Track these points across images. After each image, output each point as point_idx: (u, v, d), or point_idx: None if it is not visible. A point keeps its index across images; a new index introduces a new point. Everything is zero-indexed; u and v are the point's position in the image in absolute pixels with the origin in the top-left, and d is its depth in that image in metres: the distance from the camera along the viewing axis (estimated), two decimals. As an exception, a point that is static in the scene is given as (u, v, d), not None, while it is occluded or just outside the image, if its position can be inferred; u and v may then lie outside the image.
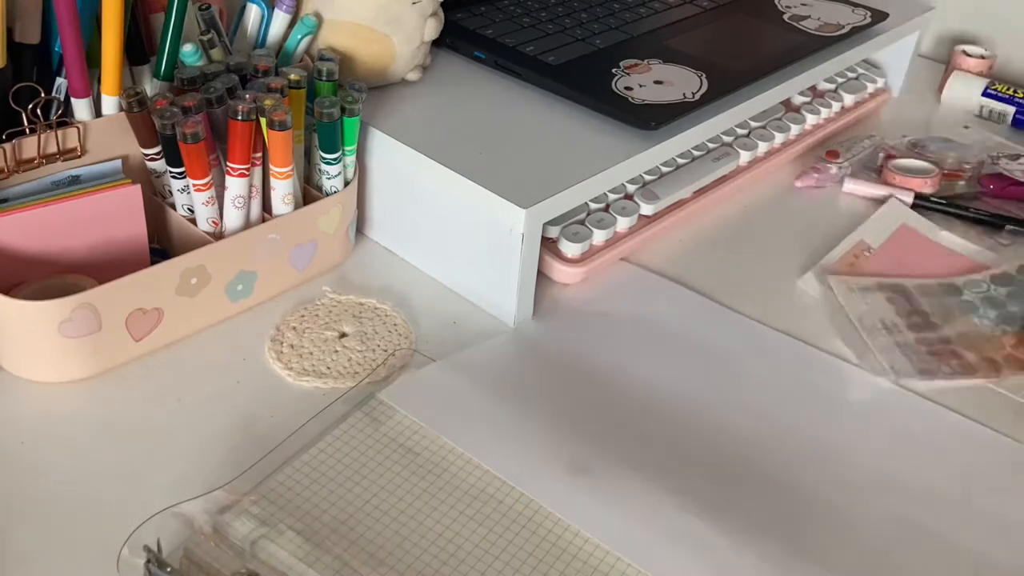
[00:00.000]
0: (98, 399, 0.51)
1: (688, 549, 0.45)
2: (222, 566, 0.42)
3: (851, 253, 0.68)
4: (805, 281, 0.65)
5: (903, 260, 0.68)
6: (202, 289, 0.54)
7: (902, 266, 0.67)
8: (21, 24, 0.53)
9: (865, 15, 0.84)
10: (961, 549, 0.47)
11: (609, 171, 0.59)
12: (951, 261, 0.69)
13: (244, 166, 0.54)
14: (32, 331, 0.49)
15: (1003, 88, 0.89)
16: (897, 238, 0.70)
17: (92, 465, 0.47)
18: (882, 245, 0.69)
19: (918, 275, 0.66)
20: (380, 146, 0.61)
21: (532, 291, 0.59)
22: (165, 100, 0.53)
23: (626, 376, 0.56)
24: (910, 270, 0.67)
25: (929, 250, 0.70)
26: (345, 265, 0.63)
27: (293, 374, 0.53)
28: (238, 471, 0.47)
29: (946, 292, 0.64)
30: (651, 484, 0.48)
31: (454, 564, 0.44)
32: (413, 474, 0.48)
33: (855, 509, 0.49)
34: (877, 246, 0.69)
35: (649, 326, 0.60)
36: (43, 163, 0.53)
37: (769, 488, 0.50)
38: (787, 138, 0.78)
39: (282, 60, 0.62)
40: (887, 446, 0.53)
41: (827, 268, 0.66)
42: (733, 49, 0.76)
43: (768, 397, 0.55)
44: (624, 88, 0.66)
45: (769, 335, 0.60)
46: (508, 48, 0.70)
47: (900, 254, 0.69)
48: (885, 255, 0.68)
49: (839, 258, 0.67)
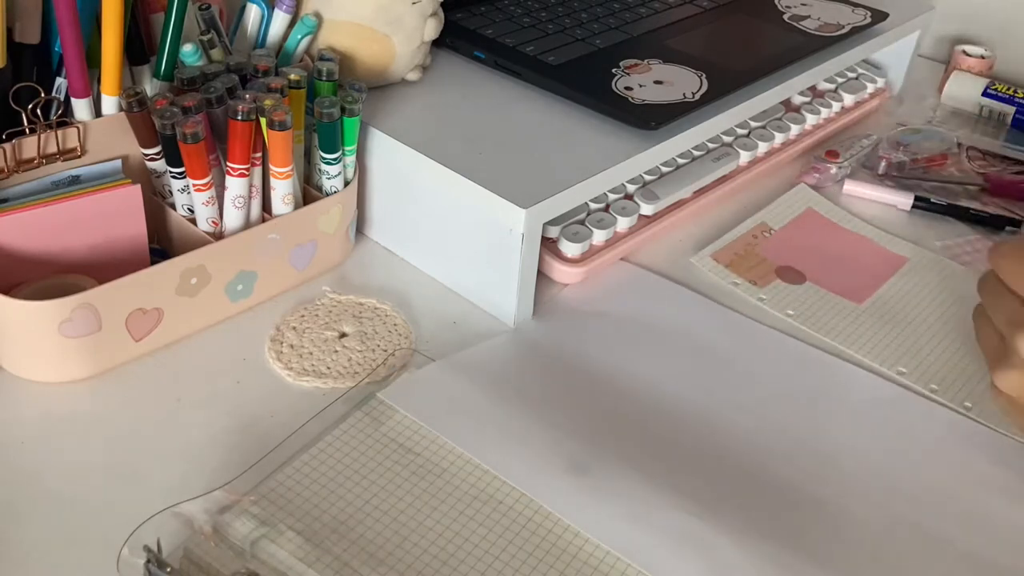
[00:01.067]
0: (98, 399, 0.51)
1: (688, 549, 0.45)
2: (222, 566, 0.42)
3: (750, 234, 0.68)
4: (697, 259, 0.66)
5: (800, 243, 0.68)
6: (202, 289, 0.54)
7: (796, 249, 0.68)
8: (21, 24, 0.53)
9: (865, 15, 0.84)
10: (962, 549, 0.47)
11: (609, 171, 0.59)
12: (854, 244, 0.69)
13: (244, 166, 0.54)
14: (32, 331, 0.49)
15: (1003, 88, 0.89)
16: (800, 221, 0.71)
17: (92, 465, 0.47)
18: (783, 227, 0.70)
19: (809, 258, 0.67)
20: (380, 146, 0.61)
21: (532, 291, 0.59)
22: (165, 100, 0.53)
23: (626, 376, 0.56)
24: (804, 253, 0.67)
25: (832, 234, 0.70)
26: (345, 265, 0.63)
27: (293, 374, 0.53)
28: (238, 471, 0.47)
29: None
30: (651, 484, 0.48)
31: (454, 564, 0.44)
32: (413, 474, 0.48)
33: (855, 509, 0.49)
34: (778, 228, 0.70)
35: (649, 326, 0.60)
36: (43, 163, 0.53)
37: (769, 488, 0.50)
38: (787, 138, 0.78)
39: (282, 60, 0.61)
40: (887, 446, 0.53)
41: (718, 249, 0.67)
42: (733, 49, 0.76)
43: (768, 397, 0.55)
44: (624, 88, 0.66)
45: (769, 335, 0.60)
46: (508, 48, 0.70)
47: (799, 237, 0.69)
48: (783, 236, 0.69)
49: (737, 238, 0.68)
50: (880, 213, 0.74)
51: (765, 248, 0.67)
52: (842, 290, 0.64)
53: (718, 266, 0.64)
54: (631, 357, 0.57)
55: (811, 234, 0.69)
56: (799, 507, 0.49)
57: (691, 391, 0.55)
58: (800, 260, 0.66)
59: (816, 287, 0.64)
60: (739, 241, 0.68)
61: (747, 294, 0.63)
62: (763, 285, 0.64)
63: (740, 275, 0.64)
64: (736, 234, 0.68)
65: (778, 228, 0.69)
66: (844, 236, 0.70)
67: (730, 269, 0.64)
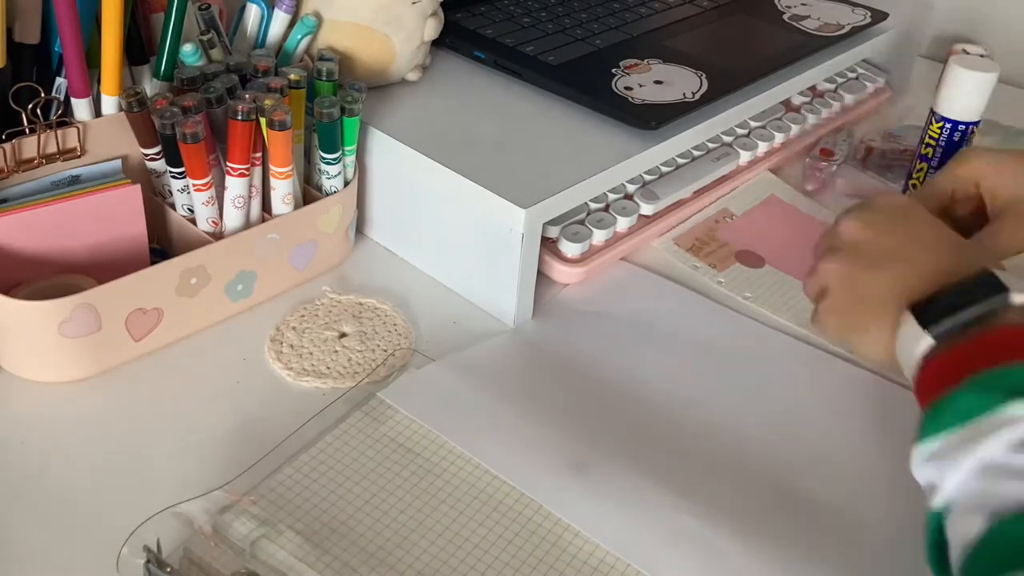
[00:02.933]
0: (98, 399, 0.51)
1: (687, 548, 0.45)
2: (222, 566, 0.42)
3: (712, 219, 0.69)
4: (659, 243, 0.66)
5: (760, 228, 0.69)
6: (202, 289, 0.54)
7: (756, 234, 0.68)
8: (21, 24, 0.53)
9: (865, 15, 0.84)
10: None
11: (609, 171, 0.59)
12: (815, 229, 0.69)
13: (244, 166, 0.54)
14: (32, 331, 0.49)
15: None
16: (763, 207, 0.71)
17: (92, 465, 0.47)
18: (745, 213, 0.70)
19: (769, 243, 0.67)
20: (380, 146, 0.61)
21: (532, 291, 0.59)
22: (165, 100, 0.53)
23: (625, 376, 0.56)
24: (764, 238, 0.68)
25: (792, 219, 0.70)
26: (345, 265, 0.63)
27: (293, 374, 0.53)
28: (238, 471, 0.47)
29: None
30: (650, 483, 0.48)
31: (454, 564, 0.44)
32: (413, 474, 0.48)
33: (856, 508, 0.49)
34: (740, 213, 0.70)
35: (649, 326, 0.60)
36: (43, 163, 0.53)
37: (769, 487, 0.50)
38: (787, 138, 0.78)
39: (282, 60, 0.61)
40: (888, 445, 0.53)
41: (680, 234, 0.67)
42: (733, 49, 0.76)
43: (768, 396, 0.55)
44: (624, 88, 0.66)
45: (769, 334, 0.60)
46: (508, 48, 0.70)
47: (760, 222, 0.70)
48: (745, 221, 0.69)
49: (699, 223, 0.69)
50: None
51: (726, 233, 0.68)
52: (800, 273, 0.64)
53: (679, 250, 0.65)
54: (631, 357, 0.57)
55: (772, 219, 0.70)
56: (800, 506, 0.49)
57: (690, 391, 0.55)
58: (760, 244, 0.67)
59: (775, 270, 0.65)
60: (701, 226, 0.68)
61: (706, 277, 0.64)
62: (722, 269, 0.64)
63: (700, 259, 0.65)
64: (698, 220, 0.69)
65: (740, 214, 0.70)
66: (804, 221, 0.71)
67: (691, 253, 0.65)
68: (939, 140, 0.70)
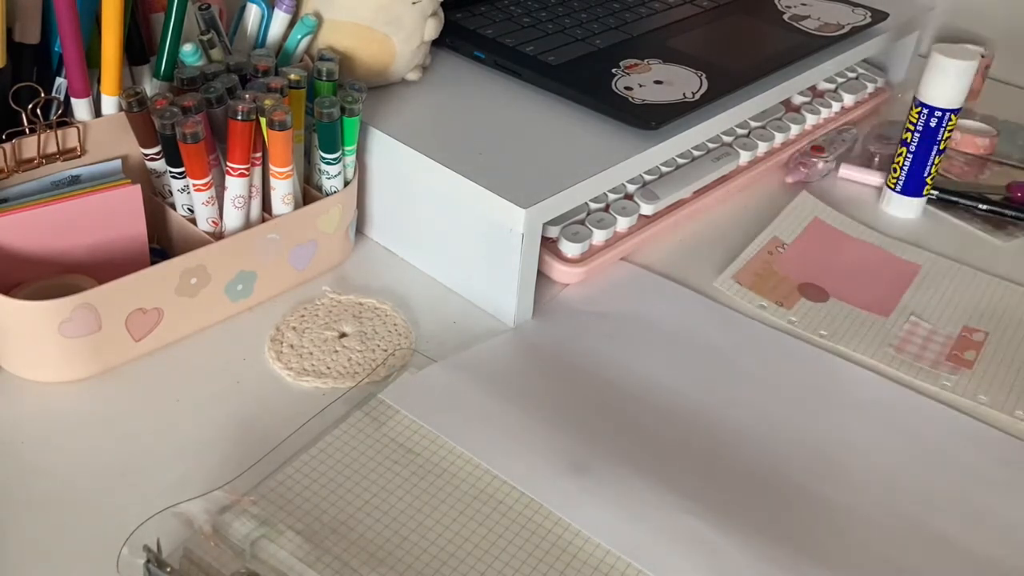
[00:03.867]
0: (98, 399, 0.51)
1: (689, 548, 0.45)
2: (222, 566, 0.42)
3: (765, 250, 0.68)
4: (720, 282, 0.64)
5: (814, 257, 0.68)
6: (202, 289, 0.54)
7: (812, 263, 0.67)
8: (21, 24, 0.53)
9: (865, 15, 0.84)
10: (964, 549, 0.47)
11: (609, 171, 0.59)
12: (867, 254, 0.69)
13: (244, 166, 0.54)
14: (32, 331, 0.49)
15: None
16: (810, 232, 0.70)
17: (92, 465, 0.47)
18: (795, 240, 0.69)
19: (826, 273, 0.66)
20: (380, 146, 0.61)
21: (532, 291, 0.59)
22: (165, 100, 0.53)
23: (626, 375, 0.56)
24: (820, 267, 0.67)
25: (842, 244, 0.70)
26: (345, 265, 0.63)
27: (293, 374, 0.53)
28: (238, 471, 0.47)
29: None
30: (651, 484, 0.48)
31: (454, 564, 0.44)
32: (413, 474, 0.48)
33: (857, 509, 0.49)
34: (790, 241, 0.69)
35: (649, 326, 0.60)
36: (43, 163, 0.53)
37: (770, 486, 0.50)
38: (787, 138, 0.78)
39: (282, 60, 0.62)
40: (889, 445, 0.53)
41: (738, 270, 0.65)
42: (733, 49, 0.76)
43: (769, 395, 0.55)
44: (624, 88, 0.66)
45: (769, 334, 0.60)
46: (508, 48, 0.70)
47: (812, 249, 0.69)
48: (797, 251, 0.68)
49: (753, 256, 0.67)
50: (884, 216, 0.74)
51: (781, 264, 0.66)
52: (866, 304, 0.64)
53: (742, 289, 0.63)
54: (631, 357, 0.57)
55: (822, 246, 0.69)
56: (801, 506, 0.49)
57: (691, 390, 0.55)
58: (819, 275, 0.66)
59: (840, 303, 0.63)
60: (756, 259, 0.67)
61: (777, 317, 0.62)
62: (790, 306, 0.63)
63: (765, 296, 0.63)
64: (751, 252, 0.67)
65: (790, 242, 0.69)
66: (854, 246, 0.70)
67: (754, 291, 0.63)
68: (917, 125, 0.70)
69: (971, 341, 0.61)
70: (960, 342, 0.61)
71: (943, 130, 0.70)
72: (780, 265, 0.66)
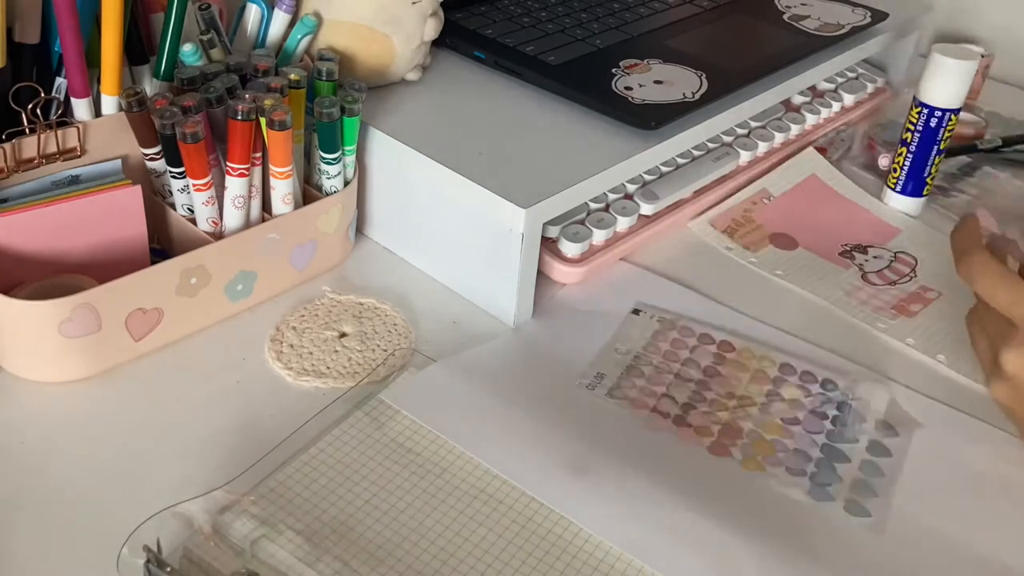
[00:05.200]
0: (98, 399, 0.51)
1: (690, 547, 0.45)
2: (222, 566, 0.42)
3: (748, 200, 0.69)
4: (695, 224, 0.66)
5: (796, 210, 0.69)
6: (202, 289, 0.54)
7: (792, 216, 0.68)
8: (21, 24, 0.53)
9: (865, 15, 0.84)
10: (968, 550, 0.47)
11: (609, 171, 0.59)
12: (850, 213, 0.70)
13: (244, 166, 0.54)
14: (32, 331, 0.49)
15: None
16: (802, 187, 0.71)
17: (92, 465, 0.47)
18: (784, 193, 0.71)
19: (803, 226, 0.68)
20: (380, 146, 0.61)
21: (532, 291, 0.59)
22: (165, 100, 0.53)
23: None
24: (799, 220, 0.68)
25: (830, 201, 0.71)
26: (345, 265, 0.63)
27: (293, 374, 0.53)
28: (238, 471, 0.47)
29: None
30: (652, 482, 0.48)
31: (454, 564, 0.44)
32: (413, 474, 0.48)
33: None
34: (778, 194, 0.70)
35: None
36: (43, 163, 0.53)
37: (771, 486, 0.50)
38: (787, 138, 0.78)
39: (282, 60, 0.62)
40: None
41: (717, 215, 0.68)
42: (733, 49, 0.76)
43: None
44: (624, 88, 0.66)
45: (769, 333, 0.60)
46: (508, 48, 0.70)
47: (798, 204, 0.70)
48: (783, 204, 0.70)
49: (736, 204, 0.69)
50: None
51: (762, 215, 0.68)
52: (830, 256, 0.65)
53: (714, 232, 0.66)
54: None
55: (810, 202, 0.70)
56: (802, 505, 0.49)
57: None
58: (794, 227, 0.68)
59: (807, 252, 0.65)
60: (737, 207, 0.69)
61: (739, 257, 0.65)
62: (756, 250, 0.65)
63: (735, 241, 0.65)
64: (734, 201, 0.69)
65: (777, 195, 0.70)
66: (841, 204, 0.71)
67: (726, 235, 0.65)
68: (916, 125, 0.70)
69: (923, 297, 0.63)
70: (911, 296, 0.63)
71: (943, 130, 0.70)
72: (760, 215, 0.68)
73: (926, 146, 0.71)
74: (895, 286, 0.63)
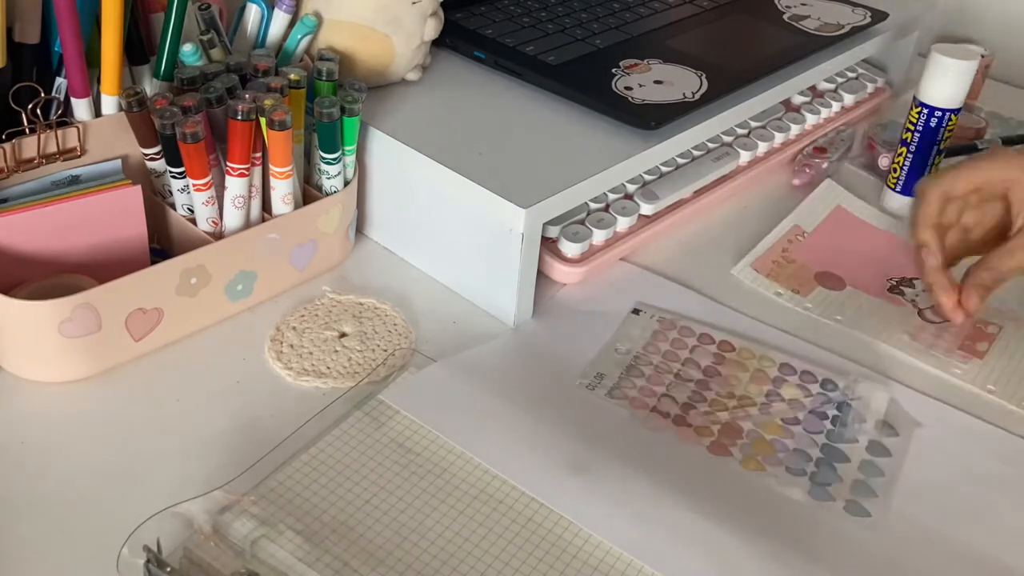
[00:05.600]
0: (98, 399, 0.51)
1: (689, 547, 0.45)
2: (222, 566, 0.42)
3: (785, 239, 0.68)
4: (739, 271, 0.65)
5: (834, 246, 0.68)
6: (202, 289, 0.54)
7: (831, 252, 0.67)
8: (21, 24, 0.53)
9: (865, 15, 0.84)
10: (968, 549, 0.47)
11: (609, 171, 0.59)
12: (884, 242, 0.69)
13: (244, 166, 0.54)
14: (32, 331, 0.49)
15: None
16: (832, 221, 0.71)
17: (92, 465, 0.47)
18: (816, 228, 0.70)
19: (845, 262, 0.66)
20: (380, 146, 0.61)
21: (532, 291, 0.59)
22: (165, 100, 0.53)
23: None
24: (839, 256, 0.67)
25: (863, 233, 0.70)
26: (345, 265, 0.63)
27: (293, 374, 0.53)
28: (238, 471, 0.47)
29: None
30: (651, 482, 0.48)
31: (454, 564, 0.44)
32: (413, 474, 0.48)
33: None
34: (811, 229, 0.69)
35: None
36: (43, 163, 0.53)
37: (771, 486, 0.50)
38: (787, 138, 0.78)
39: (282, 60, 0.62)
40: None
41: (756, 258, 0.66)
42: (733, 49, 0.76)
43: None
44: (624, 88, 0.66)
45: (768, 331, 0.60)
46: (508, 48, 0.70)
47: (832, 238, 0.69)
48: (818, 240, 0.69)
49: (773, 244, 0.68)
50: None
51: (800, 253, 0.67)
52: (880, 292, 0.64)
53: (759, 276, 0.64)
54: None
55: (843, 235, 0.69)
56: (802, 505, 0.49)
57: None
58: (836, 264, 0.66)
59: (857, 291, 0.64)
60: (775, 248, 0.67)
61: (793, 304, 0.62)
62: (806, 294, 0.63)
63: (782, 284, 0.63)
64: (771, 240, 0.68)
65: (810, 230, 0.69)
66: (875, 235, 0.70)
67: (771, 279, 0.63)
68: (916, 125, 0.70)
69: (984, 333, 0.61)
70: (974, 333, 0.61)
71: (943, 130, 0.70)
72: (799, 253, 0.67)
73: (926, 146, 0.71)
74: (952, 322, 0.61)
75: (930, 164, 0.71)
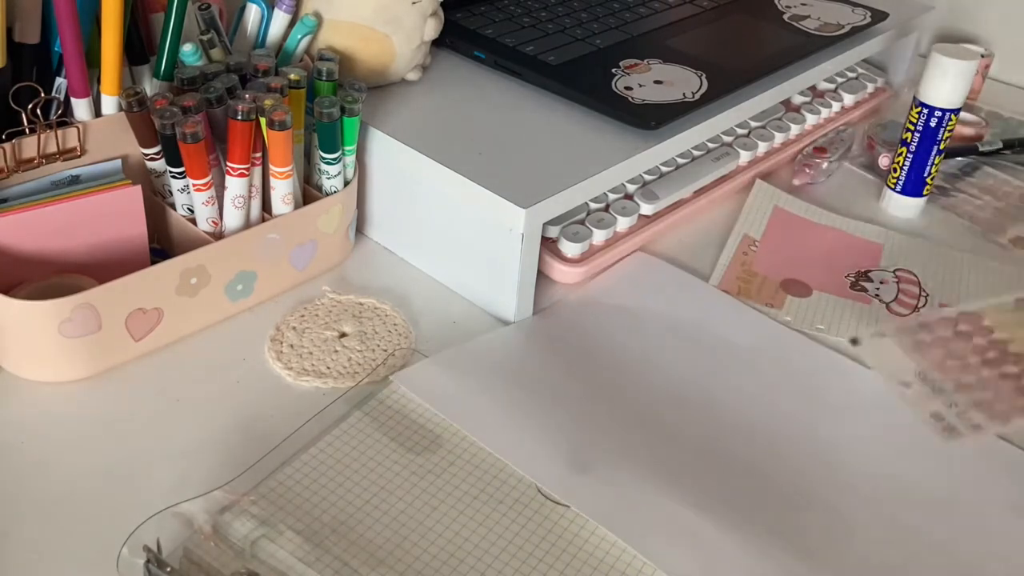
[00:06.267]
0: (98, 399, 0.51)
1: (689, 541, 0.45)
2: (222, 566, 0.42)
3: (740, 251, 0.67)
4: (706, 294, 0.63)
5: (785, 251, 0.68)
6: (202, 289, 0.54)
7: (785, 258, 0.67)
8: (21, 24, 0.53)
9: (865, 15, 0.84)
10: (961, 559, 0.47)
11: (609, 171, 0.59)
12: (830, 238, 0.70)
13: (244, 166, 0.54)
14: (32, 331, 0.49)
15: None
16: (775, 224, 0.71)
17: (92, 465, 0.47)
18: (764, 235, 0.69)
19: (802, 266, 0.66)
20: (380, 146, 0.61)
21: (532, 291, 0.59)
22: (165, 100, 0.53)
23: (627, 373, 0.55)
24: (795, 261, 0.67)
25: (807, 233, 0.70)
26: (345, 265, 0.63)
27: (293, 374, 0.53)
28: (238, 471, 0.47)
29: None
30: (654, 478, 0.48)
31: (454, 564, 0.44)
32: (413, 474, 0.48)
33: (858, 510, 0.49)
34: (759, 237, 0.69)
35: (649, 324, 0.60)
36: (43, 163, 0.53)
37: (772, 484, 0.50)
38: (787, 138, 0.78)
39: (282, 60, 0.62)
40: (893, 448, 0.53)
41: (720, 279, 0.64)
42: (733, 49, 0.76)
43: (771, 391, 0.55)
44: (624, 88, 0.66)
45: (776, 330, 0.60)
46: (508, 48, 0.70)
47: (781, 243, 0.69)
48: (770, 246, 0.68)
49: (730, 260, 0.66)
50: (884, 215, 0.74)
51: (759, 264, 0.66)
52: (844, 292, 0.64)
53: (729, 296, 0.63)
54: (631, 355, 0.57)
55: (791, 238, 0.69)
56: (801, 505, 0.49)
57: (693, 387, 0.55)
58: (796, 269, 0.66)
59: (824, 294, 0.64)
60: (734, 263, 0.66)
61: (774, 319, 0.62)
62: (780, 306, 0.62)
63: (752, 300, 0.63)
64: (727, 256, 0.67)
65: (759, 237, 0.69)
66: (820, 233, 0.70)
67: (742, 297, 0.63)
68: (916, 125, 0.70)
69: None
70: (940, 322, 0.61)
71: (943, 130, 0.70)
72: (759, 266, 0.66)
73: (926, 146, 0.71)
74: (918, 311, 0.62)
75: (930, 164, 0.71)
